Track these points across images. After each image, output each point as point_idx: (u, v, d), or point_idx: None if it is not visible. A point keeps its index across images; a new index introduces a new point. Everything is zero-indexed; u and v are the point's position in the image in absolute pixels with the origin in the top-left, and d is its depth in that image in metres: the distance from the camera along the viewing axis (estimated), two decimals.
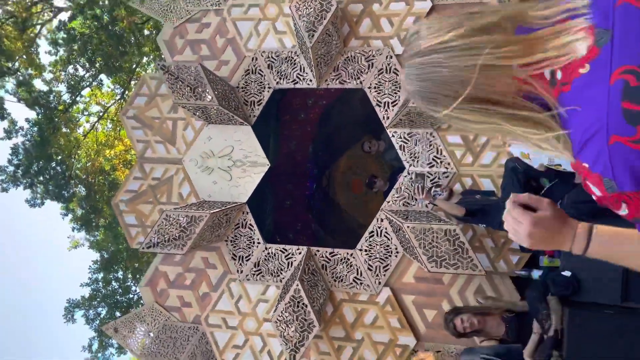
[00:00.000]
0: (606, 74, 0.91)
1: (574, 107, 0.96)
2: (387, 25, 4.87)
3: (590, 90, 0.93)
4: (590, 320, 3.58)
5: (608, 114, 0.90)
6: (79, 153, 14.40)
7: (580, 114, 0.95)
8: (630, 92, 0.88)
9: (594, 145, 0.93)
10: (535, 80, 0.99)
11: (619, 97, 0.89)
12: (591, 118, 0.92)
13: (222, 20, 5.37)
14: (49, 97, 13.57)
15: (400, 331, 4.61)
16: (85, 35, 12.58)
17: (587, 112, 0.94)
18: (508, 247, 4.44)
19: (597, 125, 0.92)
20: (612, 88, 0.90)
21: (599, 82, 0.92)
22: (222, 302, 5.13)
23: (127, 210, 5.51)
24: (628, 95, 0.89)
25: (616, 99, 0.89)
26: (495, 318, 3.85)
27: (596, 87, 0.92)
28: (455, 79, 0.99)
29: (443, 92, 1.02)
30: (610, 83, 0.90)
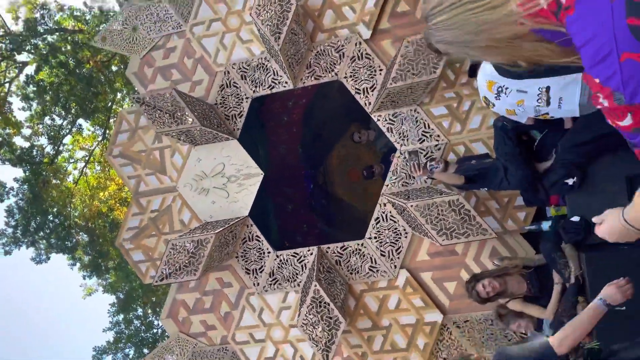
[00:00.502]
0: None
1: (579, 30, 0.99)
2: (349, 12, 4.86)
3: (594, 9, 0.94)
4: (607, 260, 3.59)
5: (615, 33, 0.90)
6: (73, 202, 14.34)
7: (587, 32, 0.96)
8: (633, 7, 0.88)
9: (606, 64, 0.95)
10: (535, 17, 1.02)
11: (622, 14, 0.89)
12: (600, 37, 0.93)
13: (186, 41, 5.35)
14: (32, 152, 13.51)
15: (425, 309, 4.62)
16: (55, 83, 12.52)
17: (594, 30, 0.95)
18: (513, 205, 4.46)
19: (607, 46, 0.93)
20: (615, 5, 0.90)
21: (601, 1, 0.92)
22: (245, 318, 5.13)
23: (132, 247, 5.49)
24: (632, 11, 0.88)
25: (620, 16, 0.89)
26: (515, 277, 3.86)
27: (598, 8, 0.93)
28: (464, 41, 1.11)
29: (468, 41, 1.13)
30: (612, 1, 0.90)
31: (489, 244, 4.46)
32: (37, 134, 13.90)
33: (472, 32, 1.08)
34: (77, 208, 14.57)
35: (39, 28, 12.42)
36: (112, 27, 5.67)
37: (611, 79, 0.95)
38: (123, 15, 5.63)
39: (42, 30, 12.54)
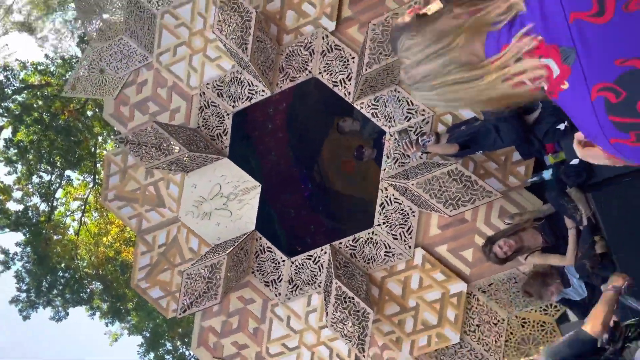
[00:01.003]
0: (585, 91, 0.93)
1: None
2: (310, 8, 4.84)
3: (576, 104, 0.97)
4: (614, 194, 3.62)
5: (600, 125, 0.95)
6: (79, 253, 14.29)
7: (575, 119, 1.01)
8: (612, 107, 0.92)
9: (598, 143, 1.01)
10: None
11: (604, 112, 0.93)
12: (587, 125, 0.98)
13: (155, 72, 5.32)
14: (28, 213, 13.44)
15: (448, 282, 4.64)
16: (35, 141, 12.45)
17: (581, 119, 1.00)
18: (511, 162, 4.47)
19: (594, 131, 0.97)
20: (595, 104, 0.93)
21: (582, 98, 0.94)
22: (274, 330, 5.13)
23: (149, 286, 5.47)
24: (612, 111, 0.92)
25: (602, 114, 0.93)
26: (528, 231, 3.88)
27: (581, 102, 0.95)
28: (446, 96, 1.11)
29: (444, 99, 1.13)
30: (592, 100, 0.93)
31: (496, 204, 4.48)
32: (28, 194, 13.83)
33: (458, 103, 1.10)
34: (84, 258, 14.52)
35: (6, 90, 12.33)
36: (78, 73, 5.63)
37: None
38: (87, 60, 5.59)
39: (10, 92, 12.45)
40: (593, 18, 0.89)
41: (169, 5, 5.23)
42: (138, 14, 5.30)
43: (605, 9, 0.87)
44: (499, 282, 4.52)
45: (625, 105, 0.91)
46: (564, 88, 0.97)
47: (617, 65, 0.90)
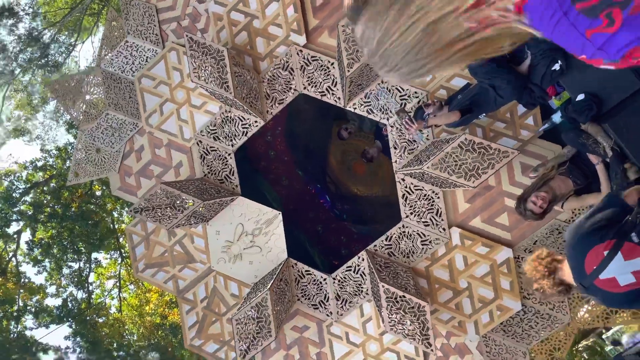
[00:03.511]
0: None
1: None
2: (276, 30, 4.86)
3: (542, 9, 0.96)
4: (630, 118, 3.52)
5: (571, 20, 0.94)
6: (127, 329, 14.36)
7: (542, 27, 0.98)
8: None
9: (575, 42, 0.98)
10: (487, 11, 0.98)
11: (569, 4, 0.93)
12: (556, 29, 0.97)
13: (149, 135, 5.36)
14: (67, 305, 13.57)
15: (493, 252, 4.54)
16: (54, 235, 12.61)
17: (548, 24, 0.97)
18: (517, 115, 4.39)
19: (566, 28, 0.96)
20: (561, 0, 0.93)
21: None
22: (337, 349, 5.06)
23: (202, 342, 5.45)
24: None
25: (569, 7, 0.93)
26: (557, 179, 3.79)
27: (547, 5, 0.95)
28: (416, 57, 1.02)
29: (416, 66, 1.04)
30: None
31: (515, 162, 4.39)
32: (62, 287, 13.98)
33: (420, 41, 1.00)
34: (133, 332, 14.58)
35: (14, 195, 12.55)
36: (77, 159, 5.70)
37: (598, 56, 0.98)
38: (81, 144, 5.66)
39: (17, 195, 12.67)
40: None
41: (142, 68, 5.29)
42: (116, 86, 5.36)
43: None
44: (544, 237, 4.41)
45: None
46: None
47: None
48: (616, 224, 2.24)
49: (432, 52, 1.01)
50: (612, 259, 2.16)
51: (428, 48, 1.00)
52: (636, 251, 2.15)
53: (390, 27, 1.02)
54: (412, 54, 1.02)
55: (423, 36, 0.99)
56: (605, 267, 2.17)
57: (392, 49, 1.03)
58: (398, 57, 1.03)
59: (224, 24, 4.97)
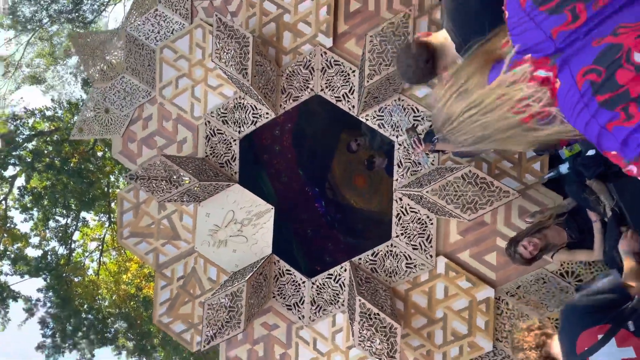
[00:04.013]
0: (572, 82, 1.06)
1: None
2: (305, 27, 4.86)
3: (569, 99, 1.08)
4: (636, 181, 3.50)
5: (591, 113, 1.05)
6: (100, 293, 14.31)
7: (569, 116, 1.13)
8: (597, 87, 1.03)
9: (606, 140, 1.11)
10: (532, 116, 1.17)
11: (591, 95, 1.04)
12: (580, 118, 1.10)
13: (159, 106, 5.35)
14: (46, 258, 13.53)
15: (475, 288, 4.51)
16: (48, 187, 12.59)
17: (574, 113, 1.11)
18: (525, 159, 4.38)
19: (587, 118, 1.08)
20: (583, 92, 1.05)
21: (571, 89, 1.06)
22: (302, 354, 5.02)
23: (171, 320, 5.41)
24: (597, 91, 1.03)
25: (591, 98, 1.04)
26: (552, 228, 3.77)
27: (572, 95, 1.07)
28: (479, 138, 1.25)
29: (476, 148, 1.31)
30: (579, 88, 1.05)
31: (515, 204, 4.37)
32: (46, 239, 13.95)
33: (481, 132, 1.20)
34: (105, 298, 14.53)
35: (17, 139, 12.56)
36: (84, 115, 5.69)
37: (621, 153, 1.11)
38: (92, 101, 5.65)
39: (20, 141, 12.67)
40: (570, 25, 1.04)
41: (166, 39, 5.29)
42: (137, 52, 5.36)
43: (578, 15, 1.02)
44: (527, 284, 4.38)
45: (607, 80, 0.99)
46: (557, 87, 1.09)
47: (594, 46, 1.00)
48: (614, 309, 2.23)
49: (490, 140, 1.21)
50: (605, 344, 2.14)
51: (486, 137, 1.20)
52: (630, 339, 2.14)
53: (451, 114, 1.22)
54: (471, 139, 1.23)
55: (480, 130, 1.19)
56: (596, 350, 2.16)
57: (455, 130, 1.23)
58: (461, 138, 1.24)
59: (256, 12, 4.97)
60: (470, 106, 1.17)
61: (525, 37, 1.11)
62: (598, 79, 1.01)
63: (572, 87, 1.05)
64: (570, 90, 1.05)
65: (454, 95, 1.20)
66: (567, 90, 1.06)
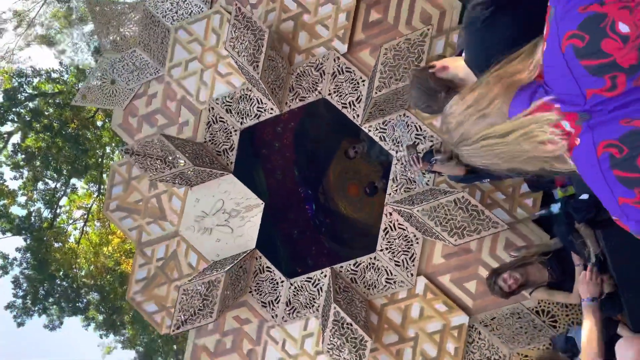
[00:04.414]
0: (592, 149, 1.08)
1: None
2: (323, 30, 4.86)
3: (586, 160, 1.10)
4: (624, 232, 3.52)
5: (606, 180, 1.07)
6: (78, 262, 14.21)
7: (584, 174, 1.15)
8: (617, 162, 1.05)
9: (612, 208, 1.13)
10: None
11: (608, 166, 1.06)
12: (595, 182, 1.12)
13: (166, 85, 5.34)
14: (30, 219, 13.44)
15: (450, 313, 4.52)
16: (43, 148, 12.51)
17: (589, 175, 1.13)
18: (519, 193, 4.39)
19: (601, 186, 1.10)
20: (601, 160, 1.06)
21: (589, 154, 1.08)
22: (269, 353, 5.00)
23: (144, 299, 5.38)
24: (616, 166, 1.05)
25: (607, 168, 1.06)
26: (534, 265, 3.78)
27: (589, 158, 1.09)
28: (491, 164, 1.28)
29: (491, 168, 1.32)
30: (598, 156, 1.07)
31: (502, 236, 4.39)
32: (32, 200, 13.86)
33: (496, 159, 1.23)
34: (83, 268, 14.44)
35: (19, 96, 12.48)
36: (90, 83, 5.66)
37: (621, 220, 1.13)
38: (100, 70, 5.63)
39: (22, 98, 12.60)
40: (607, 92, 1.04)
41: (183, 20, 5.28)
42: (152, 28, 5.35)
43: (617, 85, 1.03)
44: (502, 317, 4.39)
45: (627, 161, 1.03)
46: (577, 143, 1.10)
47: (622, 124, 1.03)
48: None
49: (498, 155, 1.22)
50: None
51: (499, 163, 1.23)
52: None
53: (469, 135, 1.24)
54: (483, 162, 1.25)
55: (494, 157, 1.22)
56: None
57: (470, 151, 1.25)
58: (473, 159, 1.26)
59: (276, 7, 4.98)
60: (490, 135, 1.18)
61: (559, 83, 1.11)
62: (619, 155, 1.04)
63: (591, 153, 1.07)
64: (589, 155, 1.08)
65: (474, 117, 1.22)
66: (586, 153, 1.08)
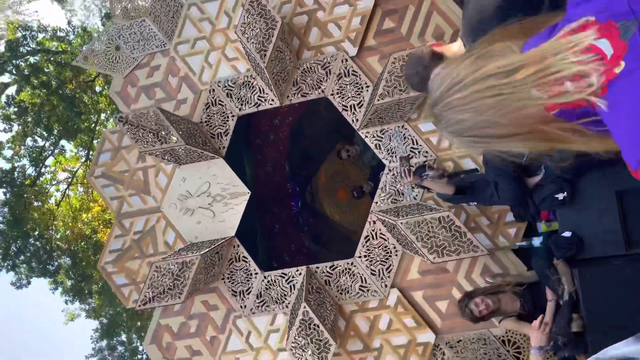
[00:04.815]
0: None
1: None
2: (335, 30, 4.85)
3: (630, 91, 0.82)
4: (600, 275, 3.54)
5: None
6: (55, 224, 14.03)
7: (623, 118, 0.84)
8: None
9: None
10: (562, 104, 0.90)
11: None
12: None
13: (170, 59, 5.28)
14: (14, 174, 13.23)
15: (418, 329, 4.51)
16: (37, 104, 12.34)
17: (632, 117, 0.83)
18: (503, 221, 4.41)
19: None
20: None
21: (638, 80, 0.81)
22: (232, 342, 4.96)
23: (115, 270, 5.31)
24: None
25: None
26: (508, 294, 3.79)
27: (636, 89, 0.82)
28: (484, 123, 0.94)
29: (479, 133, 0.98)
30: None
31: (480, 261, 4.39)
32: (18, 155, 13.65)
33: (488, 113, 0.93)
34: (59, 230, 14.25)
35: (21, 49, 12.30)
36: (94, 46, 5.58)
37: None
38: (106, 35, 5.55)
39: (24, 51, 12.41)
40: None
41: None
42: (165, 0, 5.29)
43: None
44: (468, 341, 4.40)
45: None
46: (617, 72, 0.80)
47: None
48: None
49: (500, 122, 0.93)
50: None
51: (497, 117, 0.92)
52: None
53: (464, 77, 0.94)
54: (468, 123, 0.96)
55: (488, 109, 0.92)
56: None
57: (459, 101, 0.95)
58: (458, 115, 0.96)
59: (291, 1, 4.95)
60: (496, 72, 0.90)
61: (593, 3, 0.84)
62: None
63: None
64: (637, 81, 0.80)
65: (473, 57, 0.94)
66: (633, 79, 0.80)
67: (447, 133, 1.01)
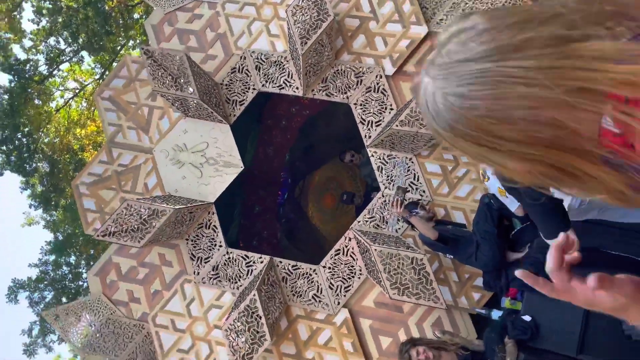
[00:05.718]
0: None
1: None
2: (381, 44, 4.82)
3: None
4: None
5: None
6: (48, 127, 13.89)
7: None
8: None
9: None
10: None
11: None
12: None
13: (215, 13, 5.23)
14: (26, 65, 13.09)
15: (352, 355, 4.48)
16: (72, 8, 12.21)
17: None
18: (472, 284, 4.39)
19: None
20: None
21: None
22: (173, 303, 4.91)
23: (87, 193, 5.25)
24: None
25: None
26: (450, 354, 3.77)
27: None
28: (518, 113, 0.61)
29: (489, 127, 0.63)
30: None
31: (435, 312, 4.37)
32: (37, 49, 13.51)
33: (495, 97, 0.64)
34: (49, 135, 14.11)
35: None
36: None
37: None
38: None
39: None
40: None
41: None
42: None
43: None
44: None
45: None
46: None
47: None
48: None
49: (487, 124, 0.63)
50: None
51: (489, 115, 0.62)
52: None
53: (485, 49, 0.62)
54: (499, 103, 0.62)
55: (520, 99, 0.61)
56: None
57: (463, 74, 0.64)
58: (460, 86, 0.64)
59: (349, 1, 4.92)
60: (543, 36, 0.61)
61: None
62: None
63: None
64: None
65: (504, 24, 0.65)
66: None
67: (432, 113, 0.68)
